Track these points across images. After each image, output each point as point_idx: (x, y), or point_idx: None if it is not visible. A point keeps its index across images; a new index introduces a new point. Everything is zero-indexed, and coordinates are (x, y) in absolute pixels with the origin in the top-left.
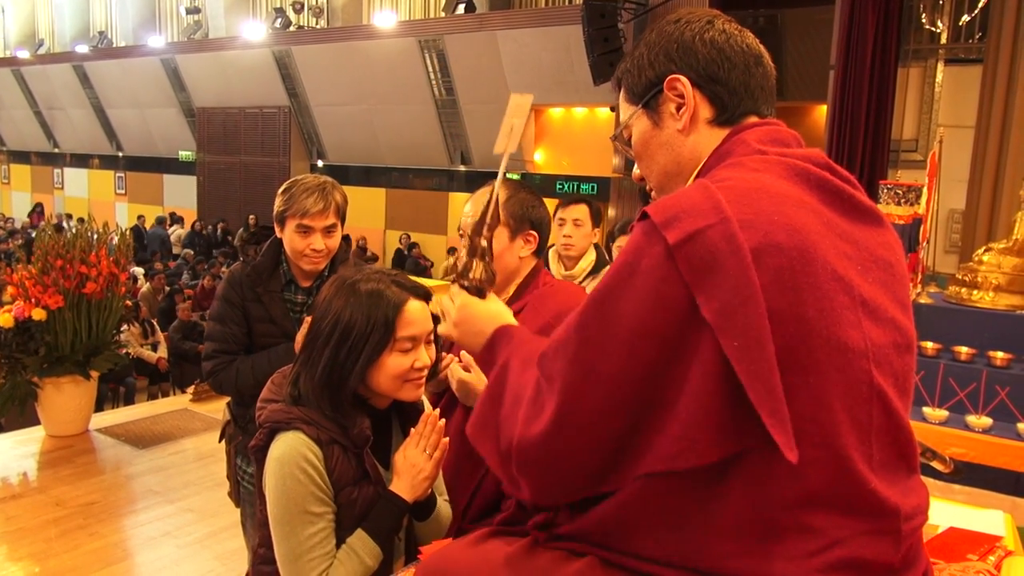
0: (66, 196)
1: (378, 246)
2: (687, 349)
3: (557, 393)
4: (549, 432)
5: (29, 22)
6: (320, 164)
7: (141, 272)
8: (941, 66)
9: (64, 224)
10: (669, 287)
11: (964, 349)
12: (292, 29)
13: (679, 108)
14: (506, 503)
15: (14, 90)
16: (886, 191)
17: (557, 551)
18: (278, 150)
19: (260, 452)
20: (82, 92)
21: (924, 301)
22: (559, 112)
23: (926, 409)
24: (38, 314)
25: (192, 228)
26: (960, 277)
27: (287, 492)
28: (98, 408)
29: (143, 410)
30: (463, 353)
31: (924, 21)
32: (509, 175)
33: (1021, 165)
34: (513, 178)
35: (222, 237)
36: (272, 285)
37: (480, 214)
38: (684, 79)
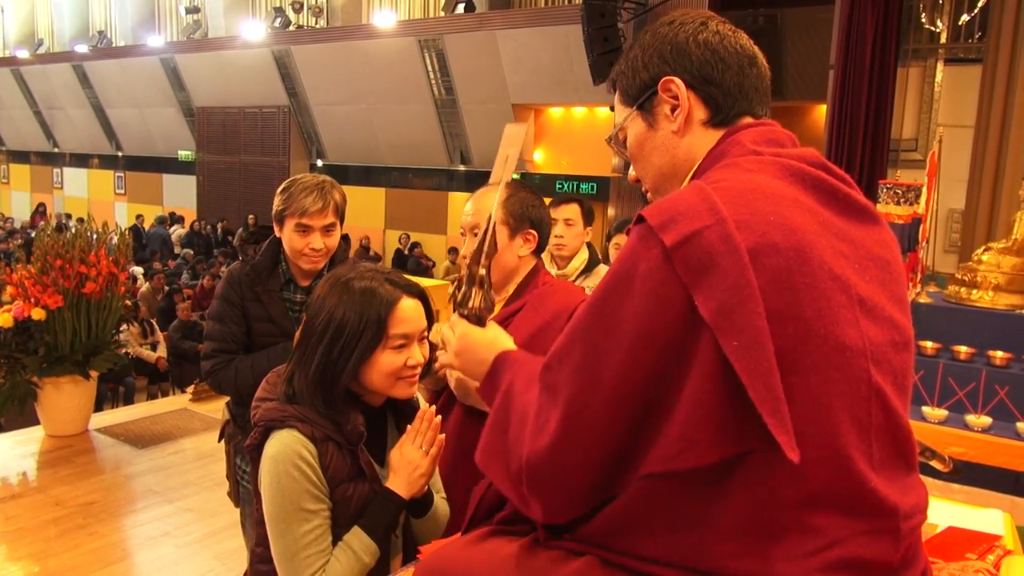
0: (65, 196)
1: (378, 246)
2: (687, 350)
3: (561, 403)
4: (556, 442)
5: (28, 22)
6: (320, 164)
7: (140, 272)
8: (941, 66)
9: (64, 224)
10: (668, 289)
11: (963, 349)
12: (291, 29)
13: (674, 110)
14: (509, 503)
15: (13, 90)
16: (886, 191)
17: (556, 550)
18: (277, 150)
19: (255, 451)
20: (81, 92)
21: (923, 301)
22: (558, 112)
23: (925, 408)
24: (37, 314)
25: (191, 228)
26: (959, 277)
27: (282, 489)
28: (97, 408)
29: (142, 410)
30: None
31: (924, 21)
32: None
33: (1020, 165)
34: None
35: (223, 237)
36: (271, 284)
37: (478, 244)
38: (678, 80)
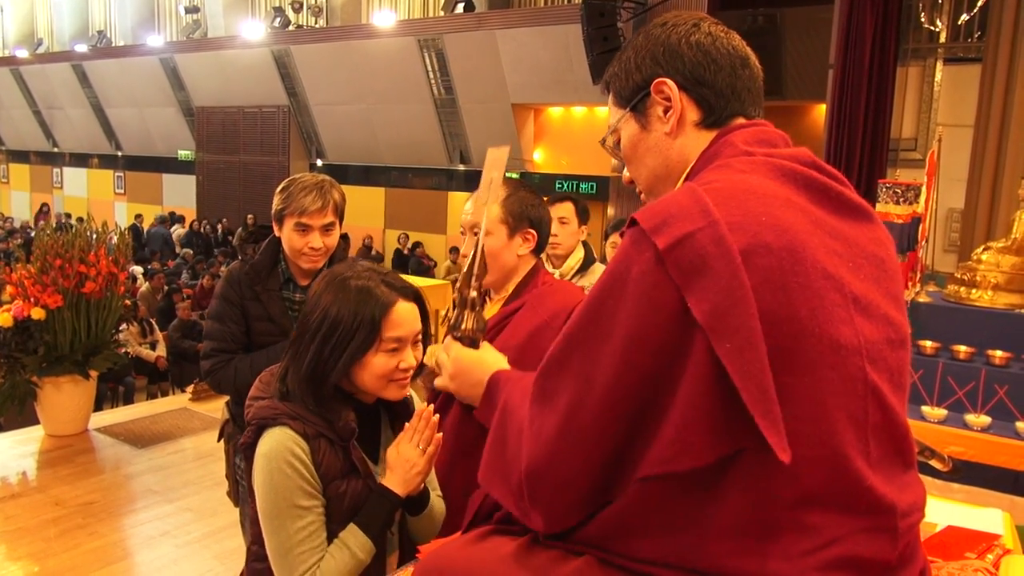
0: (65, 195)
1: (378, 245)
2: (681, 353)
3: (558, 407)
4: (553, 446)
5: (28, 21)
6: (319, 163)
7: (140, 271)
8: (940, 65)
9: (63, 224)
10: (660, 292)
11: (963, 348)
12: (291, 28)
13: (666, 111)
14: None
15: (13, 90)
16: (885, 190)
17: (555, 550)
18: (277, 149)
19: (249, 449)
20: (81, 91)
21: (923, 300)
22: (558, 111)
23: (925, 408)
24: (37, 313)
25: (191, 227)
26: (959, 276)
27: (275, 487)
28: (97, 407)
29: (142, 409)
30: None
31: (923, 20)
32: (508, 174)
33: (1020, 164)
34: (512, 177)
35: (223, 236)
36: (270, 284)
37: (468, 267)
38: (671, 82)
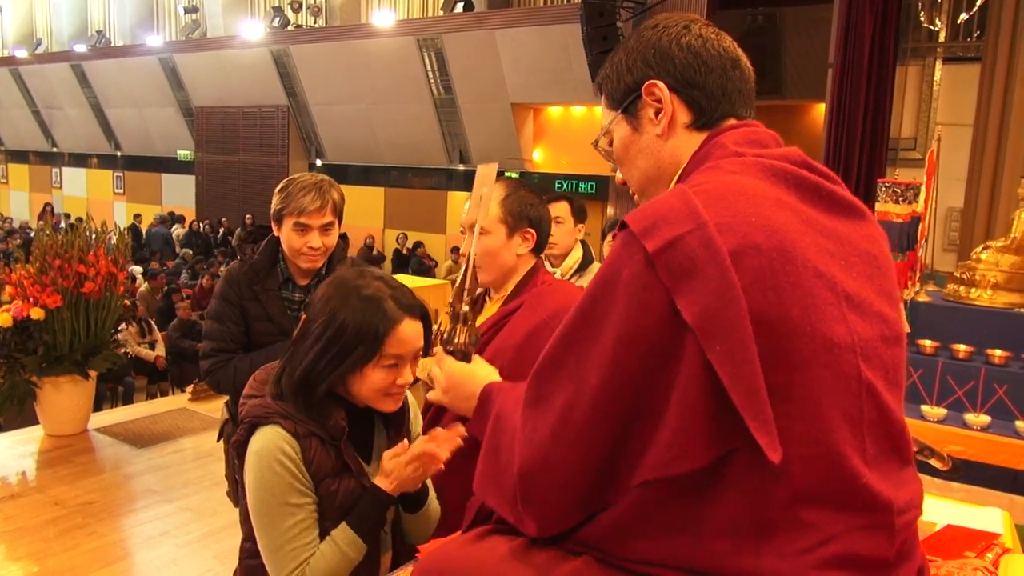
0: (64, 195)
1: (377, 245)
2: (672, 356)
3: (551, 410)
4: (547, 449)
5: (27, 21)
6: (319, 163)
7: (139, 271)
8: (939, 64)
9: (63, 224)
10: (651, 295)
11: (962, 347)
12: (290, 28)
13: (657, 113)
14: None
15: (12, 89)
16: (884, 189)
17: (554, 550)
18: (277, 149)
19: (241, 447)
20: (80, 91)
21: (922, 299)
22: (557, 111)
23: (924, 407)
24: (36, 313)
25: (190, 227)
26: (958, 275)
27: (265, 484)
28: (97, 407)
29: (142, 409)
30: None
31: (922, 19)
32: (508, 174)
33: (1019, 163)
34: (512, 177)
35: (223, 237)
36: (269, 283)
37: (459, 281)
38: (662, 84)
